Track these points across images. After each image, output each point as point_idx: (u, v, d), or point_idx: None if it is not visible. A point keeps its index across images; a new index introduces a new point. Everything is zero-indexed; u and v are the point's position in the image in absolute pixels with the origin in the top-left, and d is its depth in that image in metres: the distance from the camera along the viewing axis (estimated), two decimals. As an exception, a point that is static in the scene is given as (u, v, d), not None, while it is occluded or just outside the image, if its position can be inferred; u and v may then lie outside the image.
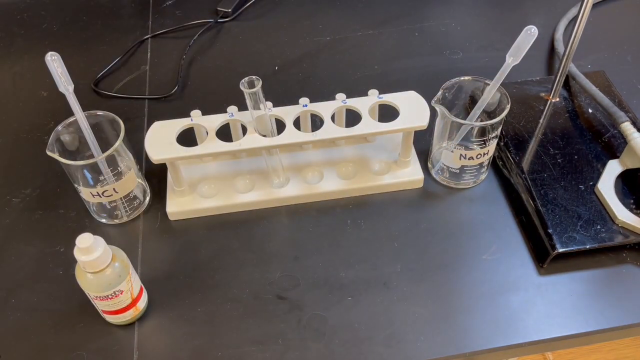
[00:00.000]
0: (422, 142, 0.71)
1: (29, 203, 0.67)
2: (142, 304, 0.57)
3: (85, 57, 0.85)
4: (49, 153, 0.57)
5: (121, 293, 0.53)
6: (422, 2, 0.92)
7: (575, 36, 0.65)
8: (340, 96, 0.65)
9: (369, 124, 0.62)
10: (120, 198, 0.62)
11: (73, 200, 0.67)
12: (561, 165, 0.65)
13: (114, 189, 0.61)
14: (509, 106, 0.60)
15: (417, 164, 0.68)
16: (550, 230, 0.59)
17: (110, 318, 0.56)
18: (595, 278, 0.59)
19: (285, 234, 0.64)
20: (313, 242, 0.63)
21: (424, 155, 0.70)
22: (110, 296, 0.52)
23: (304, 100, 0.65)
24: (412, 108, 0.63)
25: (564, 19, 0.86)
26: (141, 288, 0.56)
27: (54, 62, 0.55)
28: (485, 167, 0.66)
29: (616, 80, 0.75)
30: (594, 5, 0.90)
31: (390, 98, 0.64)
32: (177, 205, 0.65)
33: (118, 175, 0.61)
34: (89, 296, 0.53)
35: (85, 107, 0.59)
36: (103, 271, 0.50)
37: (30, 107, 0.78)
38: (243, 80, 0.56)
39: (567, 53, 0.67)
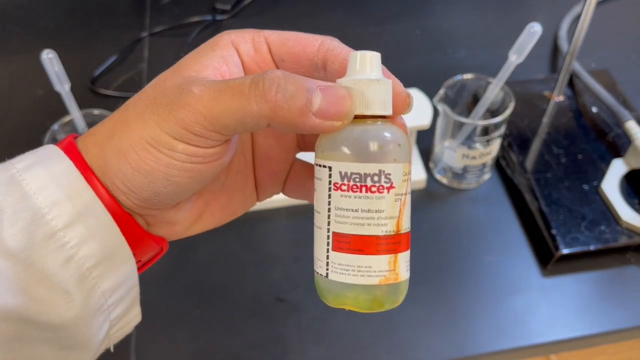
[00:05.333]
0: (424, 141, 0.70)
1: (26, 203, 0.67)
2: None
3: (82, 56, 0.84)
4: (44, 153, 0.56)
5: None
6: (424, -1, 0.92)
7: (579, 34, 0.65)
8: (341, 95, 0.64)
9: (370, 123, 0.61)
10: (118, 198, 0.61)
11: (70, 201, 0.66)
12: (565, 165, 0.64)
13: (111, 190, 0.60)
14: (512, 105, 0.59)
15: (419, 164, 0.67)
16: (554, 231, 0.58)
17: None
18: (600, 280, 0.58)
19: (285, 235, 0.63)
20: (313, 244, 0.62)
21: (426, 155, 0.69)
22: None
23: (304, 99, 0.64)
24: (414, 107, 0.62)
25: (567, 16, 0.85)
26: None
27: (51, 60, 0.55)
28: (489, 167, 0.65)
29: (621, 79, 0.74)
30: (598, 3, 0.89)
31: (392, 97, 0.63)
32: (176, 206, 0.64)
33: (115, 175, 0.60)
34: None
35: (82, 106, 0.59)
36: None
37: (27, 106, 0.78)
38: (242, 79, 0.55)
39: (571, 51, 0.67)
